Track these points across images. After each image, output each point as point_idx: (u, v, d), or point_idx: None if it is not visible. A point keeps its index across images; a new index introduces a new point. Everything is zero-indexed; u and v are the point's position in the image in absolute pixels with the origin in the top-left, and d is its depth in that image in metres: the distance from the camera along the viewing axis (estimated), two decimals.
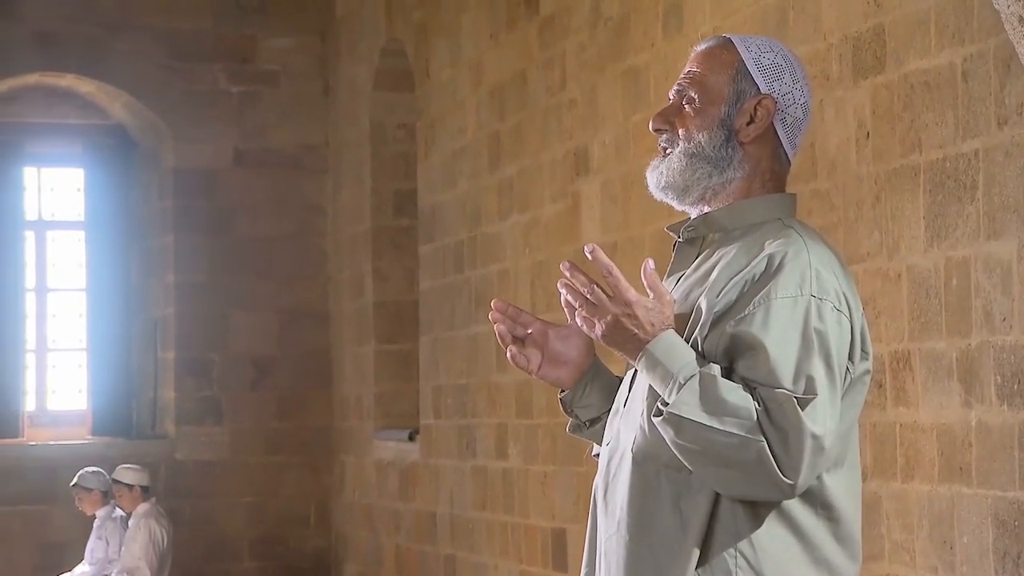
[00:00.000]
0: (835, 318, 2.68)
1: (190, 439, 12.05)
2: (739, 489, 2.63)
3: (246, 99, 12.20)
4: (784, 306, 2.65)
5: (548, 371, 2.97)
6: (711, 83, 2.86)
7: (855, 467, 2.80)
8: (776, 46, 2.90)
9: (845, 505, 2.75)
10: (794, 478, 2.59)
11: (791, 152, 2.90)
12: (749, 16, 6.52)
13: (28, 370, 12.32)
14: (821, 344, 2.64)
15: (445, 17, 9.92)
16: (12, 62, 11.81)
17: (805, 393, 2.60)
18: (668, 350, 2.66)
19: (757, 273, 2.69)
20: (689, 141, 2.85)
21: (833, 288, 2.71)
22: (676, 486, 2.69)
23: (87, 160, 12.41)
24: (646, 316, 2.67)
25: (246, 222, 12.15)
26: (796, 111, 2.88)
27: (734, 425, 2.58)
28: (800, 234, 2.76)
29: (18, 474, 11.76)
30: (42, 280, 12.43)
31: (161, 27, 12.02)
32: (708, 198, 2.86)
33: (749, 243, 2.77)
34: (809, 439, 2.58)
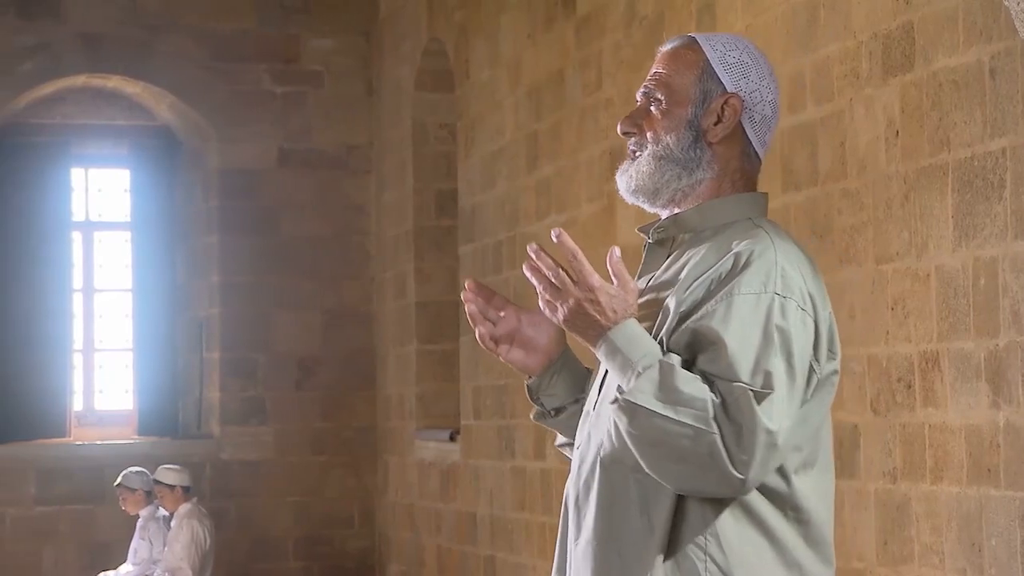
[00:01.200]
0: (799, 317, 2.65)
1: (235, 439, 12.09)
2: (689, 483, 2.61)
3: (290, 99, 12.24)
4: (747, 302, 2.63)
5: (516, 356, 2.96)
6: (677, 84, 2.84)
7: (827, 469, 2.77)
8: (742, 44, 2.87)
9: (816, 507, 2.72)
10: (745, 473, 2.56)
11: (761, 150, 2.87)
12: (780, 14, 6.48)
13: (75, 370, 12.40)
14: (783, 341, 2.62)
15: (485, 17, 9.91)
16: (59, 64, 11.89)
17: (762, 387, 2.58)
18: (629, 339, 2.65)
19: (724, 271, 2.67)
20: (657, 143, 2.83)
21: (799, 287, 2.68)
22: (644, 490, 2.67)
23: (133, 161, 12.48)
24: (608, 302, 2.65)
25: (290, 222, 12.18)
26: (764, 109, 2.84)
27: (689, 416, 2.56)
28: (769, 233, 2.73)
29: (65, 474, 11.84)
30: (89, 281, 12.50)
31: (206, 28, 12.07)
32: (679, 200, 2.84)
33: (718, 243, 2.75)
34: (763, 434, 2.55)
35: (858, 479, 5.92)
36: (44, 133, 12.27)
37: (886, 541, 5.76)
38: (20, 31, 11.77)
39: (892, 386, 5.72)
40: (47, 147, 12.23)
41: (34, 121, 12.24)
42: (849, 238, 5.97)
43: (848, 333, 5.98)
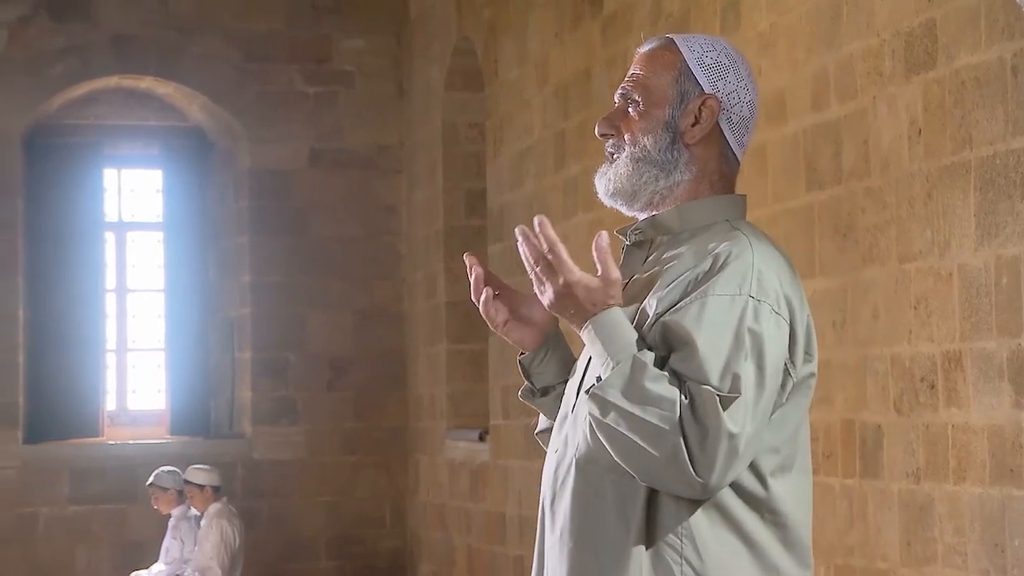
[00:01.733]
0: (773, 321, 2.63)
1: (266, 439, 12.12)
2: (653, 480, 2.60)
3: (321, 100, 12.26)
4: (720, 303, 2.61)
5: (513, 329, 2.95)
6: (654, 85, 2.81)
7: (805, 472, 2.75)
8: (719, 45, 2.85)
9: (793, 510, 2.70)
10: (707, 477, 2.55)
11: (739, 152, 2.85)
12: (804, 12, 6.45)
13: (108, 370, 12.45)
14: (754, 345, 2.60)
15: (513, 16, 9.90)
16: (91, 65, 11.94)
17: (730, 391, 2.57)
18: (607, 329, 2.64)
19: (701, 272, 2.66)
20: (635, 145, 2.81)
21: (774, 290, 2.66)
22: (620, 491, 2.66)
23: (165, 161, 12.53)
24: (587, 296, 2.65)
25: (321, 223, 12.20)
26: (742, 110, 2.82)
27: (654, 416, 2.55)
28: (747, 235, 2.72)
29: (98, 473, 11.88)
30: (122, 281, 12.55)
31: (237, 29, 12.10)
32: (657, 202, 2.82)
33: (697, 244, 2.73)
34: (725, 439, 2.55)
35: (881, 479, 5.89)
36: (77, 134, 12.32)
37: (909, 542, 5.73)
38: (52, 33, 11.83)
39: (915, 386, 5.68)
40: (80, 148, 12.28)
41: (67, 122, 12.30)
42: (872, 237, 5.94)
43: (871, 332, 5.95)
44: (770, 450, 2.66)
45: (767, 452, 2.66)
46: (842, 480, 6.16)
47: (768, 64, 6.73)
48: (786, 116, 6.57)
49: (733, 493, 2.64)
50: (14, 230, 11.82)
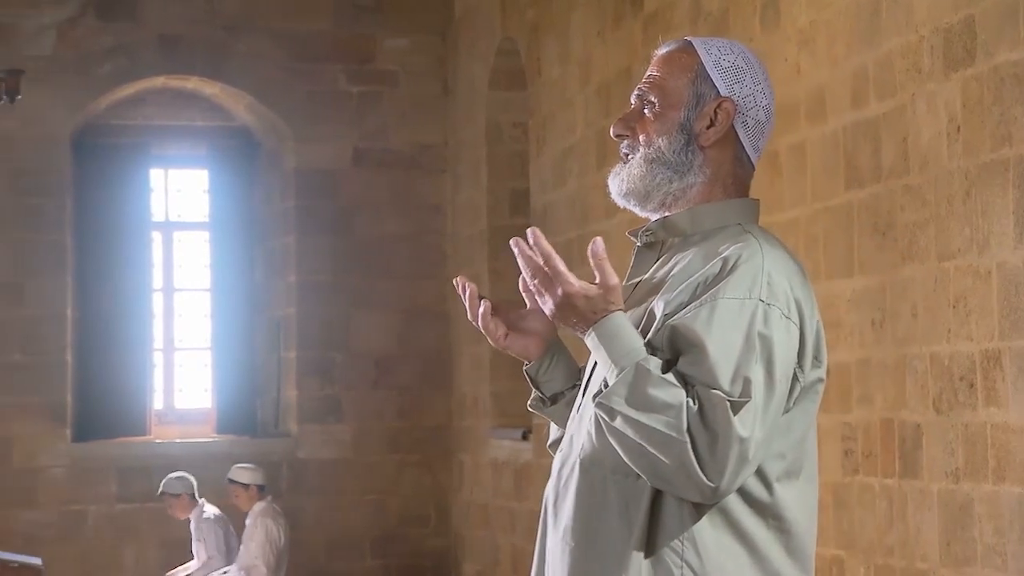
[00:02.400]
0: (783, 325, 2.62)
1: (312, 437, 12.15)
2: (664, 484, 2.59)
3: (366, 99, 12.28)
4: (730, 307, 2.60)
5: (515, 341, 2.95)
6: (671, 87, 2.81)
7: (812, 479, 2.74)
8: (737, 48, 2.84)
9: (798, 518, 2.68)
10: (717, 481, 2.54)
11: (754, 156, 2.83)
12: (843, 8, 6.42)
13: (156, 369, 12.52)
14: (764, 349, 2.59)
15: (556, 15, 9.90)
16: (139, 66, 12.01)
17: (740, 396, 2.55)
18: (611, 335, 2.63)
19: (710, 275, 2.65)
20: (649, 146, 2.80)
21: (784, 294, 2.64)
22: (623, 492, 2.65)
23: (212, 161, 12.58)
24: (586, 306, 2.64)
25: (366, 222, 12.23)
26: (758, 114, 2.81)
27: (660, 423, 2.54)
28: (758, 239, 2.70)
29: (145, 472, 11.94)
30: (169, 280, 12.62)
31: (283, 29, 12.14)
32: (669, 204, 2.81)
33: (707, 248, 2.72)
34: (736, 443, 2.53)
35: (921, 479, 5.85)
36: (124, 134, 12.39)
37: (949, 542, 5.69)
38: (99, 33, 11.90)
39: (954, 385, 5.64)
40: (127, 148, 12.35)
41: (114, 122, 12.37)
42: (911, 235, 5.90)
43: (911, 331, 5.92)
44: (776, 455, 2.65)
45: (773, 457, 2.64)
46: (882, 480, 6.12)
47: (807, 61, 6.70)
48: (826, 114, 6.54)
49: (738, 498, 2.63)
50: (63, 230, 11.90)
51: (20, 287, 11.77)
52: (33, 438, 11.77)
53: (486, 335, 2.95)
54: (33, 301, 11.78)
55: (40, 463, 11.79)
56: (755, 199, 2.83)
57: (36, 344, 11.78)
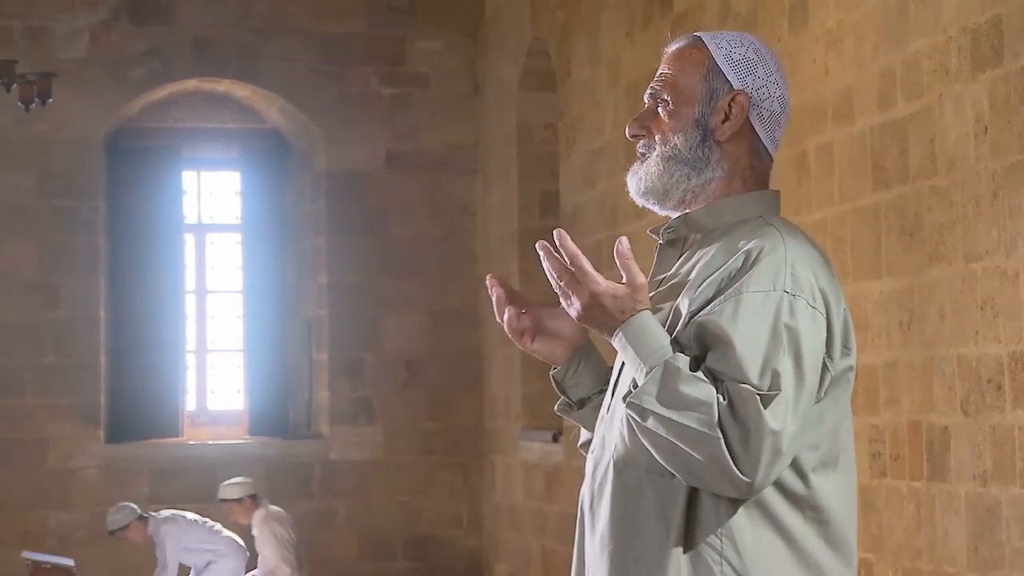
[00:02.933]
0: (809, 315, 2.61)
1: (344, 439, 12.17)
2: (699, 481, 2.59)
3: (397, 101, 12.29)
4: (755, 300, 2.59)
5: (542, 345, 2.94)
6: (683, 83, 2.80)
7: (849, 468, 2.72)
8: (747, 40, 2.83)
9: (836, 507, 2.67)
10: (752, 476, 2.53)
11: (771, 147, 2.82)
12: (871, 9, 6.39)
13: (188, 370, 12.56)
14: (791, 341, 2.58)
15: (585, 16, 9.89)
16: (171, 68, 12.05)
17: (770, 389, 2.54)
18: (639, 334, 2.62)
19: (733, 269, 2.64)
20: (665, 144, 2.79)
21: (809, 284, 2.64)
22: (659, 492, 2.64)
23: (244, 164, 12.61)
24: (614, 305, 2.64)
25: (397, 223, 12.24)
26: (772, 104, 2.79)
27: (692, 419, 2.53)
28: (780, 231, 2.69)
29: (178, 473, 11.98)
30: (201, 282, 12.65)
31: (313, 31, 12.16)
32: (689, 200, 2.80)
33: (728, 242, 2.71)
34: (769, 437, 2.52)
35: (948, 482, 5.82)
36: (157, 137, 12.44)
37: (976, 546, 5.65)
38: (132, 37, 11.95)
39: (982, 387, 5.61)
40: (160, 151, 12.40)
41: (147, 125, 12.42)
42: (939, 236, 5.87)
43: (938, 333, 5.88)
44: (810, 446, 2.64)
45: (807, 448, 2.63)
46: (909, 483, 6.09)
47: (835, 62, 6.67)
48: (853, 115, 6.51)
49: (774, 491, 2.62)
50: (96, 232, 11.95)
51: (54, 289, 11.83)
52: (67, 439, 11.83)
53: (512, 338, 2.94)
54: (67, 303, 11.84)
55: (74, 464, 11.84)
56: (775, 190, 2.82)
57: (70, 346, 11.84)
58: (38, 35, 11.80)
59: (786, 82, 2.82)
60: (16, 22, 11.82)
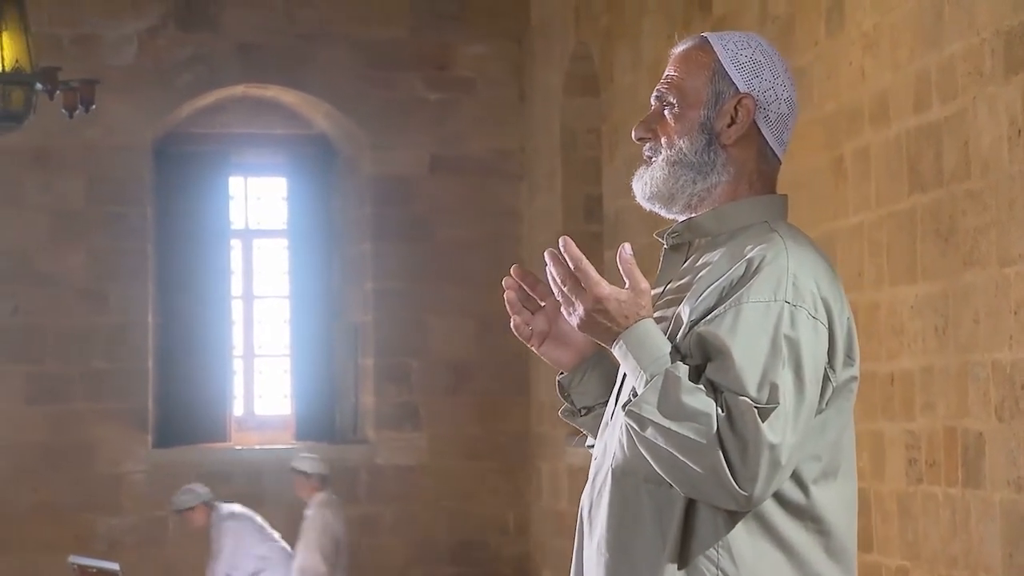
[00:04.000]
0: (810, 326, 2.58)
1: (390, 444, 12.17)
2: (697, 493, 2.56)
3: (443, 106, 12.29)
4: (755, 311, 2.56)
5: (551, 349, 2.92)
6: (689, 86, 2.77)
7: (849, 477, 2.69)
8: (755, 42, 2.79)
9: (837, 518, 2.64)
10: (749, 489, 2.50)
11: (779, 150, 2.78)
12: (907, 12, 6.34)
13: (236, 375, 12.60)
14: (791, 352, 2.55)
15: (628, 21, 9.86)
16: (218, 75, 12.11)
17: (768, 402, 2.52)
18: (640, 342, 2.61)
19: (735, 278, 2.62)
20: (671, 148, 2.77)
21: (810, 294, 2.60)
22: (656, 501, 2.62)
23: (290, 169, 12.65)
24: (618, 310, 2.62)
25: (443, 228, 12.24)
26: (780, 107, 2.76)
27: (691, 430, 2.51)
28: (784, 237, 2.66)
29: (225, 477, 12.01)
30: (248, 287, 12.70)
31: (359, 37, 12.18)
32: (695, 204, 2.77)
33: (733, 248, 2.68)
34: (767, 450, 2.50)
35: (983, 489, 5.76)
36: (204, 143, 12.50)
37: (1011, 553, 5.59)
38: (180, 43, 12.01)
39: (1016, 393, 5.55)
40: (207, 156, 12.46)
41: (194, 131, 12.48)
42: (973, 240, 5.82)
43: (972, 337, 5.83)
44: (812, 457, 2.61)
45: (809, 459, 2.61)
46: (945, 489, 6.03)
47: (871, 65, 6.62)
48: (889, 118, 6.46)
49: (774, 502, 2.59)
50: (144, 237, 12.02)
51: (103, 294, 11.90)
52: (115, 444, 11.89)
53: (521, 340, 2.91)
54: (115, 308, 11.91)
55: (122, 469, 11.91)
56: (782, 195, 2.79)
57: (118, 351, 11.90)
58: (86, 42, 11.88)
59: (794, 84, 2.79)
60: (65, 30, 11.90)
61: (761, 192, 2.78)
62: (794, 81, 2.80)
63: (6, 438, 11.68)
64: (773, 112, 2.75)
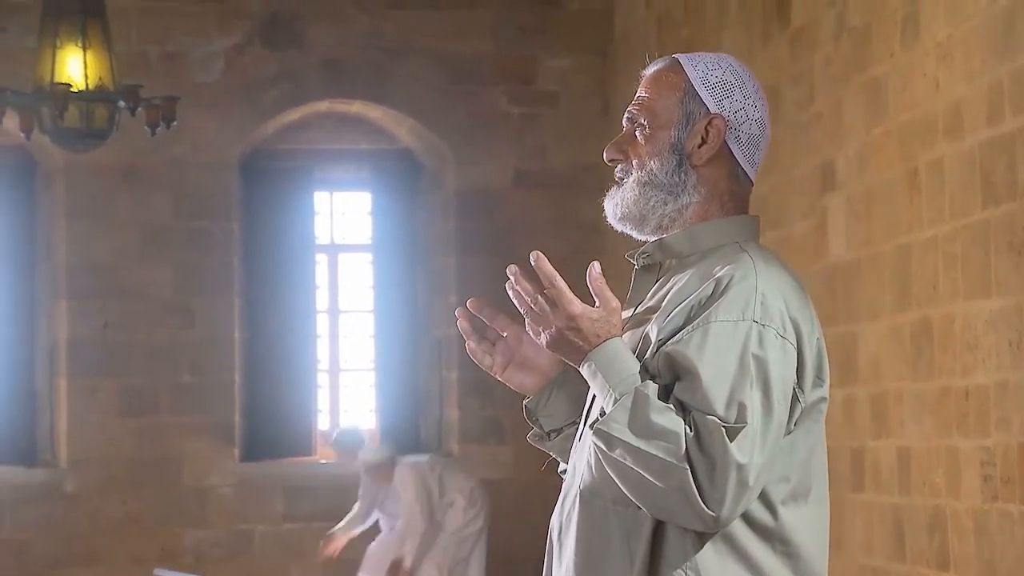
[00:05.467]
0: (778, 345, 2.56)
1: (474, 458, 12.17)
2: (664, 514, 2.54)
3: (526, 120, 12.30)
4: (723, 330, 2.55)
5: (513, 375, 2.92)
6: (660, 107, 2.77)
7: (821, 500, 2.66)
8: (725, 62, 2.77)
9: (806, 540, 2.61)
10: (717, 510, 2.48)
11: (750, 170, 2.77)
12: (980, 23, 6.26)
13: (321, 389, 12.66)
14: (759, 371, 2.52)
15: (708, 33, 9.82)
16: (304, 91, 12.18)
17: (736, 421, 2.50)
18: (609, 361, 2.60)
19: (703, 297, 2.61)
20: (642, 169, 2.77)
21: (779, 314, 2.58)
22: (624, 523, 2.61)
23: (375, 184, 12.71)
24: (591, 328, 2.61)
25: (526, 242, 12.21)
26: (751, 128, 2.74)
27: (660, 449, 2.49)
28: (753, 257, 2.64)
29: (311, 492, 12.08)
30: (334, 302, 12.76)
31: (442, 51, 12.21)
32: (666, 225, 2.77)
33: (703, 268, 2.68)
34: (734, 470, 2.48)
35: None
36: (289, 158, 12.58)
37: None
38: (265, 60, 12.10)
39: None
40: (292, 172, 12.54)
41: (280, 147, 12.56)
42: None
43: None
44: (780, 478, 2.59)
45: (777, 480, 2.59)
46: (1020, 507, 5.93)
47: (945, 76, 6.54)
48: (963, 130, 6.38)
49: (742, 523, 2.57)
50: (230, 252, 12.11)
51: (190, 309, 12.01)
52: (202, 457, 11.99)
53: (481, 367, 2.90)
54: (202, 323, 12.01)
55: (209, 482, 12.00)
56: (754, 216, 2.78)
57: (205, 365, 12.01)
58: (174, 60, 12.01)
59: (766, 104, 2.77)
60: (153, 47, 12.03)
61: (733, 212, 2.76)
62: (766, 102, 2.79)
63: (96, 451, 11.82)
64: (744, 132, 2.75)
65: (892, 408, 6.92)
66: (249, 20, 12.07)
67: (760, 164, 2.79)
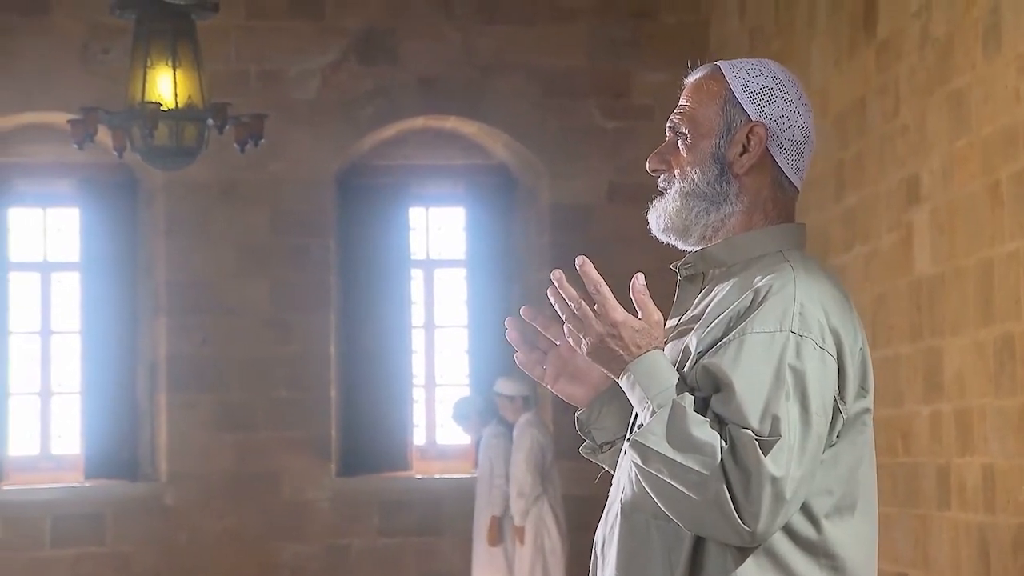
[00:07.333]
0: (817, 356, 2.51)
1: (568, 473, 12.09)
2: (699, 528, 2.50)
3: (620, 134, 12.25)
4: (760, 341, 2.50)
5: (564, 386, 2.90)
6: (701, 116, 2.73)
7: (868, 513, 2.60)
8: (768, 68, 2.72)
9: (852, 555, 2.55)
10: (753, 525, 2.43)
11: (795, 178, 2.71)
12: None
13: (417, 404, 12.68)
14: (796, 383, 2.48)
15: (798, 44, 9.73)
16: (399, 108, 12.23)
17: (770, 434, 2.45)
18: (648, 372, 2.57)
19: (742, 308, 2.57)
20: (684, 179, 2.73)
21: (818, 324, 2.53)
22: (665, 538, 2.57)
23: (469, 199, 12.72)
24: (632, 338, 2.58)
25: (620, 257, 12.13)
26: (794, 134, 2.69)
27: (696, 462, 2.45)
28: (794, 267, 2.59)
29: (407, 506, 12.11)
30: (430, 317, 12.78)
31: (536, 66, 12.20)
32: (710, 236, 2.73)
33: (745, 279, 2.63)
34: (768, 484, 2.43)
35: None
36: (385, 175, 12.63)
37: None
38: (361, 77, 12.16)
39: None
40: (388, 188, 12.59)
41: (376, 163, 12.62)
42: None
43: None
44: (823, 491, 2.54)
45: (820, 493, 2.53)
46: None
47: None
48: None
49: (785, 537, 2.52)
50: (327, 268, 12.18)
51: (287, 325, 12.09)
52: (300, 472, 12.06)
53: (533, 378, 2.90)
54: (299, 338, 12.08)
55: (307, 497, 12.07)
56: (800, 224, 2.72)
57: (302, 380, 12.08)
58: (272, 77, 12.11)
59: (810, 110, 2.72)
60: (252, 65, 12.14)
61: (776, 221, 2.72)
62: (811, 108, 2.73)
63: (196, 466, 11.92)
64: (787, 140, 2.70)
65: (976, 425, 6.80)
66: (345, 38, 12.14)
67: (806, 171, 2.74)
